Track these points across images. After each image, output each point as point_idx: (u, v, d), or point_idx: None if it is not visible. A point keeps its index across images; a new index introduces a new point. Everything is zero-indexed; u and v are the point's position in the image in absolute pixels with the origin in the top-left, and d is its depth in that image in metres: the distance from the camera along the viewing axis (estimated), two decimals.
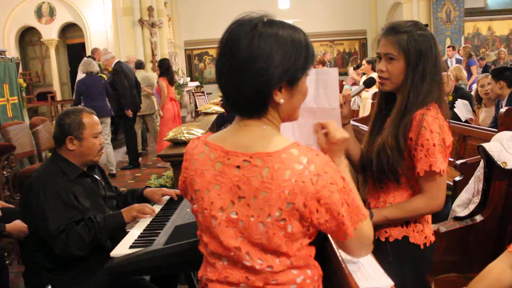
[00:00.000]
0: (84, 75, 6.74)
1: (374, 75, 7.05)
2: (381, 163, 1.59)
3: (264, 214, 1.05)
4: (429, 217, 1.71)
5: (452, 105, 4.72)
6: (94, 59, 7.71)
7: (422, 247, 1.65)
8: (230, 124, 1.17)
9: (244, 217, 1.08)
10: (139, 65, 8.20)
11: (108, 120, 6.66)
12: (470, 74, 8.28)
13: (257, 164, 1.06)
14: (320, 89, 1.59)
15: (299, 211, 1.04)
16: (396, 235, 1.65)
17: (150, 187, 2.58)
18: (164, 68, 7.05)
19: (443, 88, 1.66)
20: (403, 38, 1.57)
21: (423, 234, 1.66)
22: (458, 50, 9.80)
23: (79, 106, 2.30)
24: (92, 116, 2.21)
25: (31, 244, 2.43)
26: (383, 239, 1.66)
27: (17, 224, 2.69)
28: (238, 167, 1.08)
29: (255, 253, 1.09)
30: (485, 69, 8.79)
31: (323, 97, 1.60)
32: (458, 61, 9.02)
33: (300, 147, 1.08)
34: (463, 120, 4.59)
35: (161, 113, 7.08)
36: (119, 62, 7.26)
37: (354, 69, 9.99)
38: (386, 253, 1.65)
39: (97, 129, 2.20)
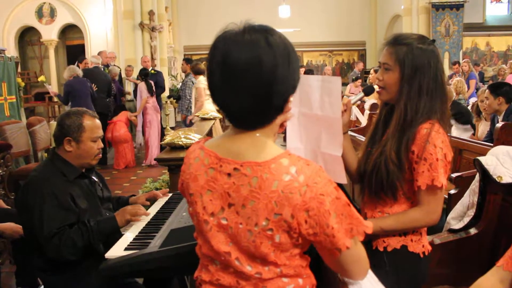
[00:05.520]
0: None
1: None
2: (380, 179, 1.58)
3: (252, 223, 1.05)
4: (425, 228, 1.70)
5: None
6: (79, 66, 8.02)
7: (421, 255, 1.64)
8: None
9: (233, 223, 1.08)
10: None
11: None
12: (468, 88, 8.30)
13: (246, 173, 1.05)
14: (325, 97, 1.59)
15: (287, 222, 1.04)
16: (394, 244, 1.63)
17: (134, 195, 2.54)
18: None
19: (447, 103, 1.64)
20: (401, 50, 1.57)
21: (421, 243, 1.65)
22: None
23: (82, 108, 2.26)
24: (94, 120, 2.18)
25: (24, 244, 2.41)
26: (381, 249, 1.64)
27: (11, 224, 2.69)
28: (229, 174, 1.08)
29: (244, 259, 1.10)
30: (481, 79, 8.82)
31: (327, 106, 1.60)
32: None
33: (291, 157, 1.06)
34: None
35: None
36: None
37: (353, 80, 10.03)
38: (383, 263, 1.62)
39: (97, 133, 2.17)
